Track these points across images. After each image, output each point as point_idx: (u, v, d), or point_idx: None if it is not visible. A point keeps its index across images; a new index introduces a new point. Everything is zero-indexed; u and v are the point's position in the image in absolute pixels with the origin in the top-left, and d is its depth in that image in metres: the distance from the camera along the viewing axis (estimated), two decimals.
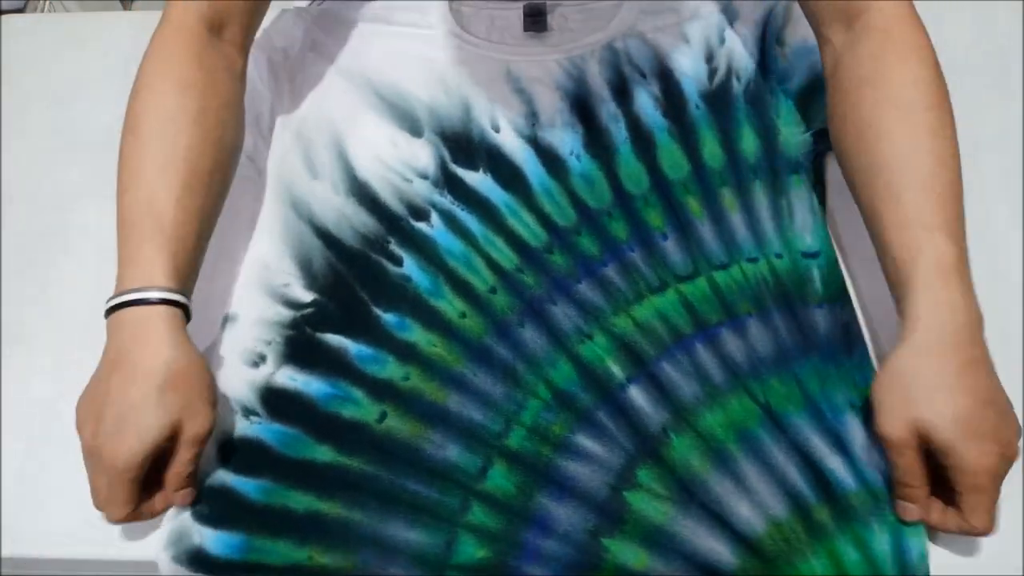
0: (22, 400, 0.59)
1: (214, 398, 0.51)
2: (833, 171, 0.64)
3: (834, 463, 0.51)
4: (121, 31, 0.77)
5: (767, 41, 0.68)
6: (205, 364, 0.52)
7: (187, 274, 0.53)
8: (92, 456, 0.49)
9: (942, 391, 0.47)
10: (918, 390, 0.47)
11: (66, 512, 0.54)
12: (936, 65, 0.55)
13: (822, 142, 0.64)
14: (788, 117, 0.65)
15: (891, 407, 0.48)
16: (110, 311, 0.51)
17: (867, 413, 0.52)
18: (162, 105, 0.55)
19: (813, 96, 0.66)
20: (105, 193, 0.54)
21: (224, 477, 0.53)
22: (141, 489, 0.50)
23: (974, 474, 0.46)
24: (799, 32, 0.69)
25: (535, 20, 0.70)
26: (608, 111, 0.67)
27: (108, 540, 0.53)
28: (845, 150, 0.56)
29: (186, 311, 0.52)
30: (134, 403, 0.48)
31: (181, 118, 0.55)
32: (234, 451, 0.54)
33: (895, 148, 0.52)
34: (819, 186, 0.63)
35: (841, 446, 0.52)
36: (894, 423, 0.47)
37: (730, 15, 0.70)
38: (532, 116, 0.67)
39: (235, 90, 0.60)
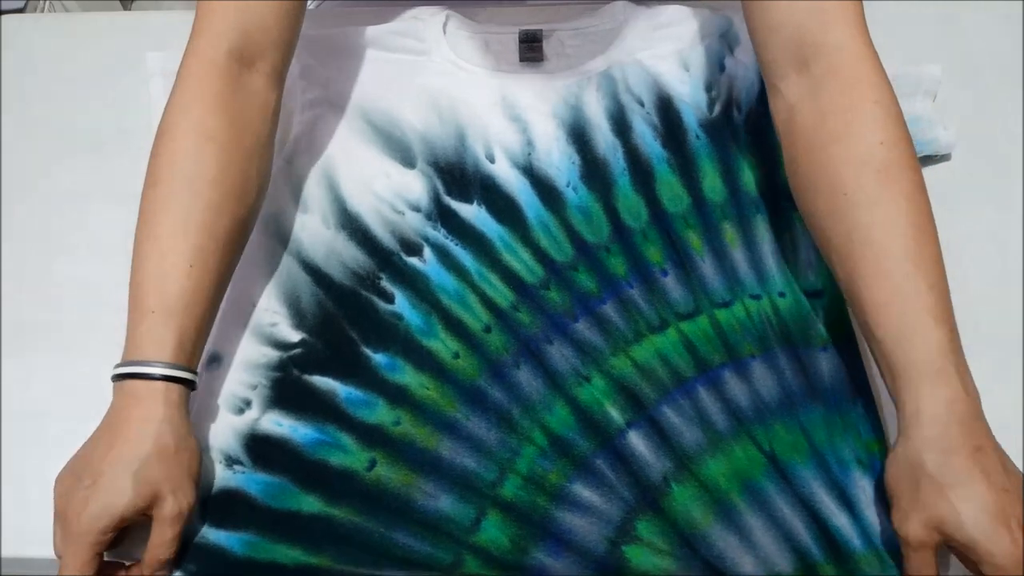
0: (22, 401, 0.58)
1: (198, 479, 0.50)
2: None
3: (841, 521, 0.49)
4: (121, 31, 0.77)
5: None
6: (196, 444, 0.50)
7: (195, 344, 0.51)
8: (59, 515, 0.47)
9: (957, 487, 0.45)
10: (933, 487, 0.45)
11: None
12: (900, 114, 0.52)
13: None
14: None
15: (907, 506, 0.46)
16: (116, 377, 0.50)
17: (874, 471, 0.51)
18: (182, 160, 0.53)
19: None
20: (105, 193, 0.53)
21: (206, 532, 0.51)
22: (100, 561, 0.47)
23: (1002, 568, 0.43)
24: None
25: (531, 47, 0.68)
26: (606, 141, 0.65)
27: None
28: (813, 213, 0.53)
29: (191, 383, 0.51)
30: (113, 469, 0.47)
31: (201, 176, 0.53)
32: (216, 503, 0.52)
33: (874, 218, 0.50)
34: None
35: (847, 504, 0.50)
36: (912, 523, 0.45)
37: (730, 43, 0.69)
38: (528, 145, 0.65)
39: (264, 133, 0.57)
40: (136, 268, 0.52)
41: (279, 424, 0.54)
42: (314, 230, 0.62)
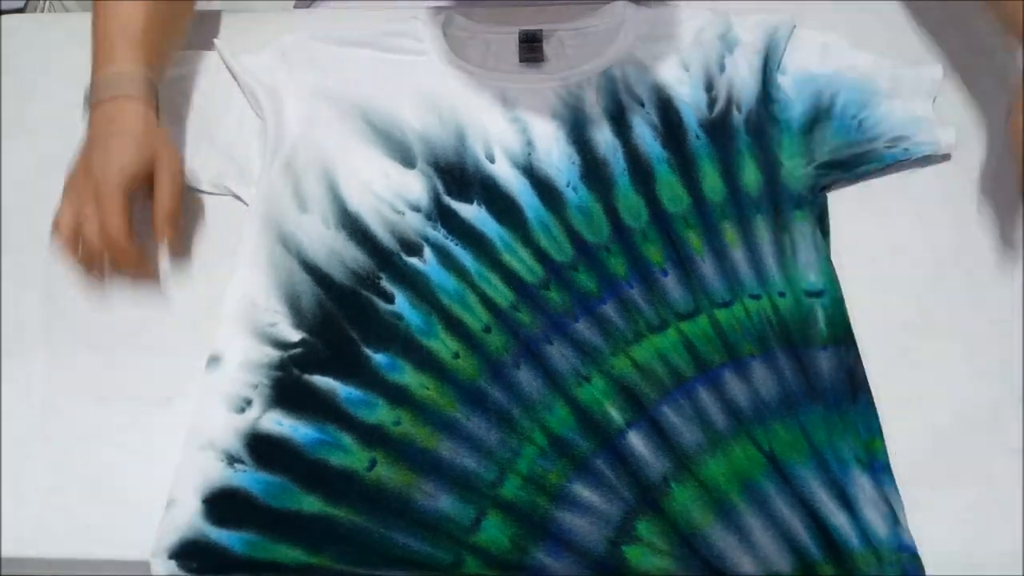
0: (22, 400, 0.58)
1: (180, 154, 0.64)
2: (836, 207, 0.62)
3: (840, 520, 0.49)
4: None
5: (768, 70, 0.67)
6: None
7: (159, 61, 0.65)
8: (80, 177, 0.58)
9: None
10: None
11: (66, 512, 0.54)
12: None
13: (825, 176, 0.62)
14: (791, 150, 0.64)
15: None
16: (94, 90, 0.62)
17: (873, 471, 0.51)
18: None
19: (815, 128, 0.64)
20: None
21: (207, 530, 0.51)
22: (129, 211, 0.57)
23: None
24: (801, 61, 0.68)
25: (531, 47, 0.68)
26: (606, 141, 0.65)
27: (107, 540, 0.52)
28: None
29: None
30: (125, 129, 0.59)
31: None
32: (218, 502, 0.52)
33: None
34: (822, 222, 0.62)
35: (847, 502, 0.50)
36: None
37: (730, 43, 0.69)
38: (528, 145, 0.65)
39: None
40: (98, 22, 0.65)
41: (280, 423, 0.54)
42: (314, 230, 0.62)
